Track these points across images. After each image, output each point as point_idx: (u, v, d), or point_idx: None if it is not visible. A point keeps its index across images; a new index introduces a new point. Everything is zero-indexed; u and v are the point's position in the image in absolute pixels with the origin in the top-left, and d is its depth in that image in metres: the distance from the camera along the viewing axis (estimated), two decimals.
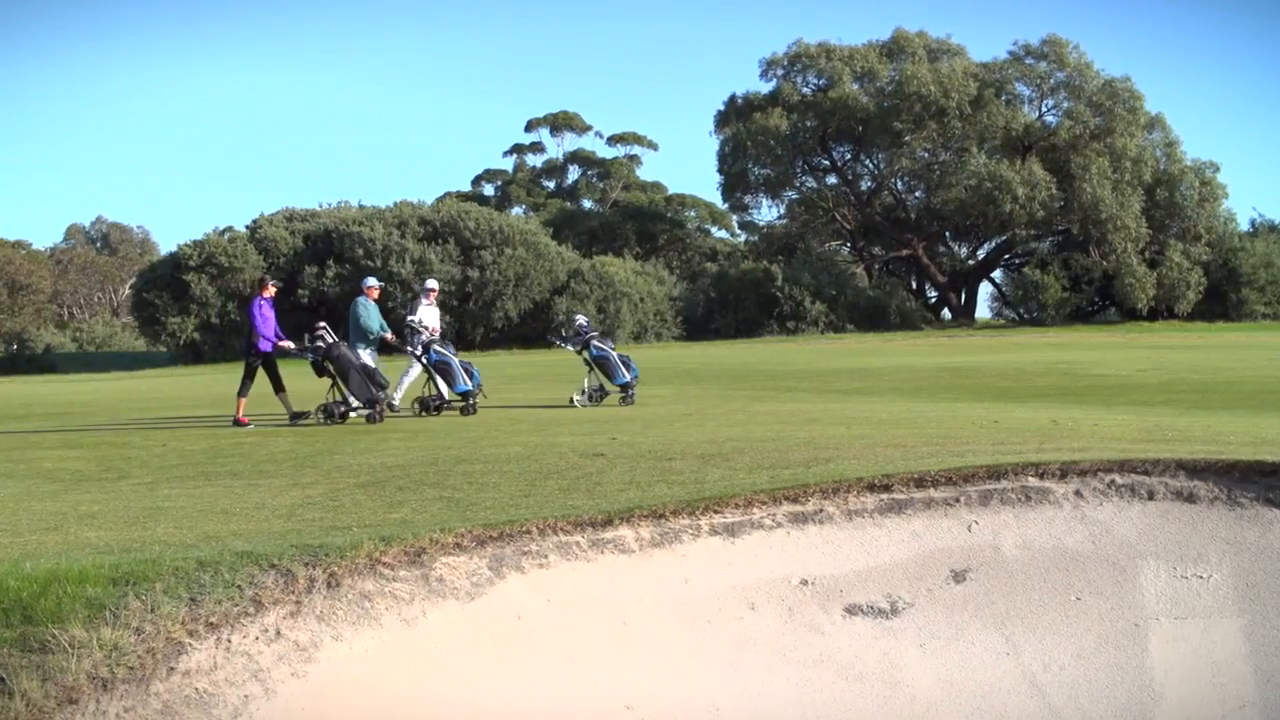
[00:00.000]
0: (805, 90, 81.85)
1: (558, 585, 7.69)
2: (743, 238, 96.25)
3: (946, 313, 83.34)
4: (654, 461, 11.85)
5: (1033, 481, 9.19)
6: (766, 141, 79.61)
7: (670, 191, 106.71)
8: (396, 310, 41.30)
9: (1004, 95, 77.16)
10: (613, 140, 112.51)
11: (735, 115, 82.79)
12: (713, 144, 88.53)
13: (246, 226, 69.88)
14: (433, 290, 23.71)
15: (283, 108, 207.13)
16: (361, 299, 21.50)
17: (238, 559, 7.09)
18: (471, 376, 20.78)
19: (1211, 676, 7.72)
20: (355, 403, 19.63)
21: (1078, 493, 9.12)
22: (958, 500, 8.96)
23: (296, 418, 19.59)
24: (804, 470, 10.19)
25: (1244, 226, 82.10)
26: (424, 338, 21.45)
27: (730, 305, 73.03)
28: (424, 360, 21.21)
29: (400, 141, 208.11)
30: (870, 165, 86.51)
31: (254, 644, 6.51)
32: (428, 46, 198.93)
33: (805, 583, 8.21)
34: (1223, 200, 76.38)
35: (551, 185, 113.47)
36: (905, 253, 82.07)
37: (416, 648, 6.93)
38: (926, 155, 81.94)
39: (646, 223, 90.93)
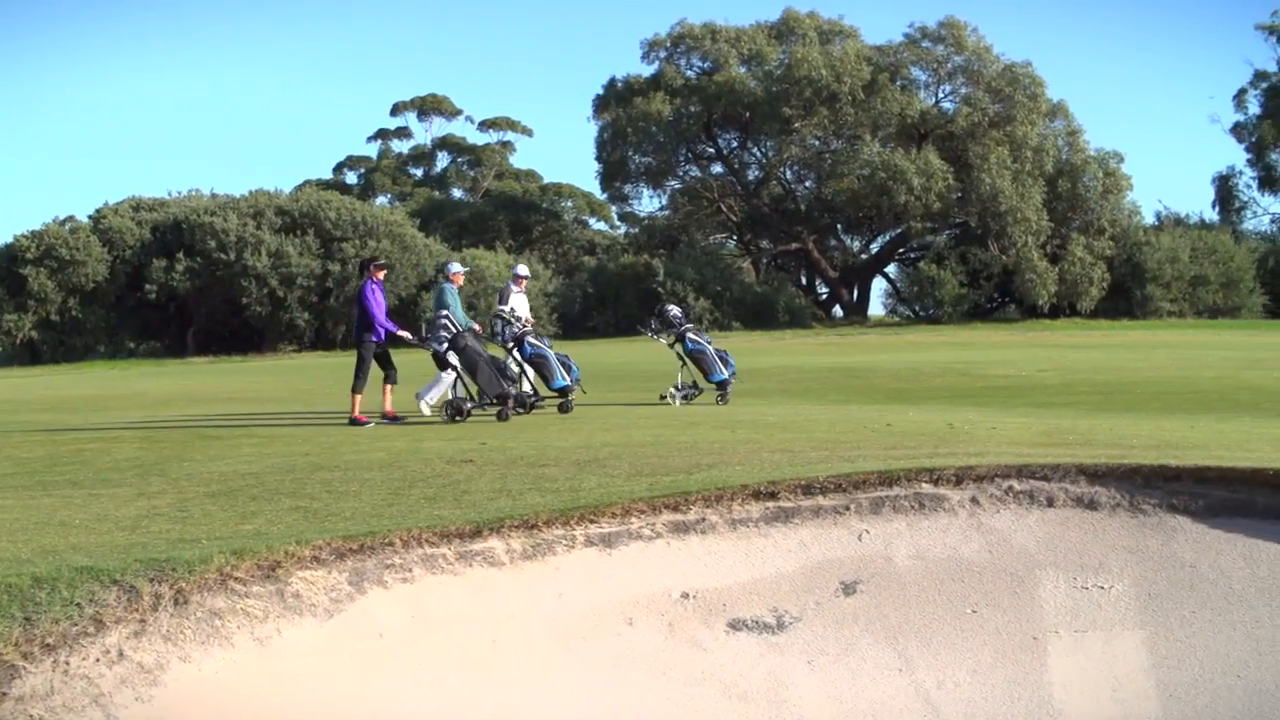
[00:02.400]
0: (689, 74, 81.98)
1: (423, 600, 7.65)
2: (622, 230, 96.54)
3: (838, 310, 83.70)
4: (526, 468, 11.83)
5: (927, 488, 9.27)
6: (648, 128, 79.76)
7: (546, 181, 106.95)
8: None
9: (899, 80, 77.80)
10: (484, 125, 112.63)
11: (615, 100, 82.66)
12: (591, 130, 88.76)
13: (90, 216, 68.81)
14: (523, 277, 23.24)
15: (128, 89, 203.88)
16: (448, 285, 20.89)
17: (77, 575, 6.98)
18: (570, 371, 20.27)
19: (1112, 691, 7.81)
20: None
21: (974, 500, 9.21)
22: (848, 508, 9.02)
23: (393, 419, 19.42)
24: (685, 477, 10.22)
25: (1149, 220, 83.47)
26: (515, 329, 20.87)
27: (609, 301, 73.05)
28: (516, 355, 20.61)
29: (256, 126, 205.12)
30: (758, 153, 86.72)
31: (95, 666, 6.41)
32: (285, 24, 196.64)
33: (686, 596, 8.23)
34: (1127, 192, 77.44)
35: (419, 173, 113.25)
36: (794, 246, 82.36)
37: (271, 669, 6.86)
38: (817, 143, 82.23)
39: (520, 214, 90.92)
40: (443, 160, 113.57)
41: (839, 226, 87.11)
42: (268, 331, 64.67)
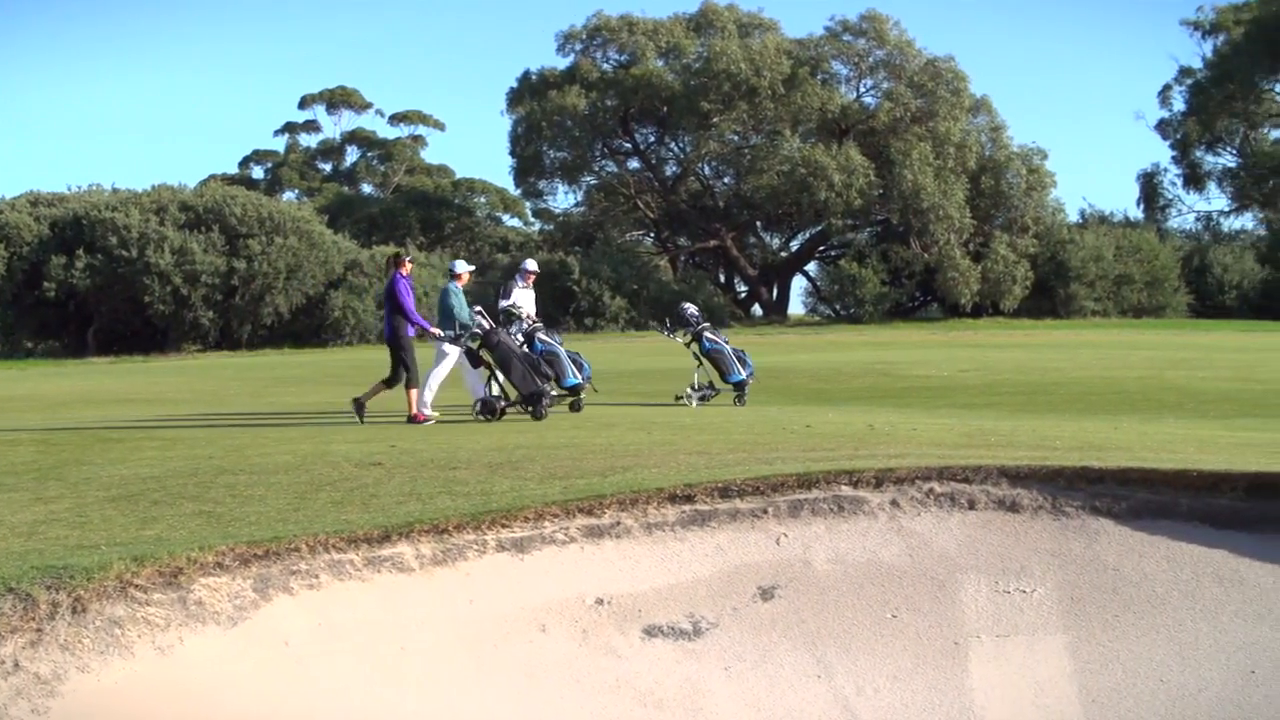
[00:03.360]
0: (605, 66, 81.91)
1: (330, 607, 7.62)
2: (537, 226, 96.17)
3: (757, 309, 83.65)
4: (436, 471, 11.80)
5: (846, 491, 9.31)
6: (563, 122, 79.55)
7: (458, 176, 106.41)
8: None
9: (820, 74, 77.89)
10: (395, 119, 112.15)
11: (529, 93, 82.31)
12: (504, 124, 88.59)
13: None
14: (531, 272, 23.02)
15: (26, 81, 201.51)
16: (452, 285, 20.59)
17: None
18: (581, 369, 20.13)
19: (1034, 697, 7.86)
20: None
21: (894, 502, 9.26)
22: (765, 511, 9.05)
23: (360, 410, 19.37)
24: (600, 480, 10.23)
25: (1073, 218, 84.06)
26: (525, 325, 20.60)
27: None
28: (523, 349, 20.14)
29: (159, 119, 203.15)
30: (676, 149, 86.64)
31: None
32: (189, 12, 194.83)
33: (601, 602, 8.23)
34: (1051, 189, 77.81)
35: (327, 168, 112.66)
36: (713, 244, 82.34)
37: (173, 678, 6.81)
38: (736, 138, 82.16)
39: (432, 209, 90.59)
40: (352, 155, 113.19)
41: (758, 224, 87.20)
42: (171, 331, 63.99)
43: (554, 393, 19.85)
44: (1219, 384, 25.38)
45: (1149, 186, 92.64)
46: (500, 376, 19.66)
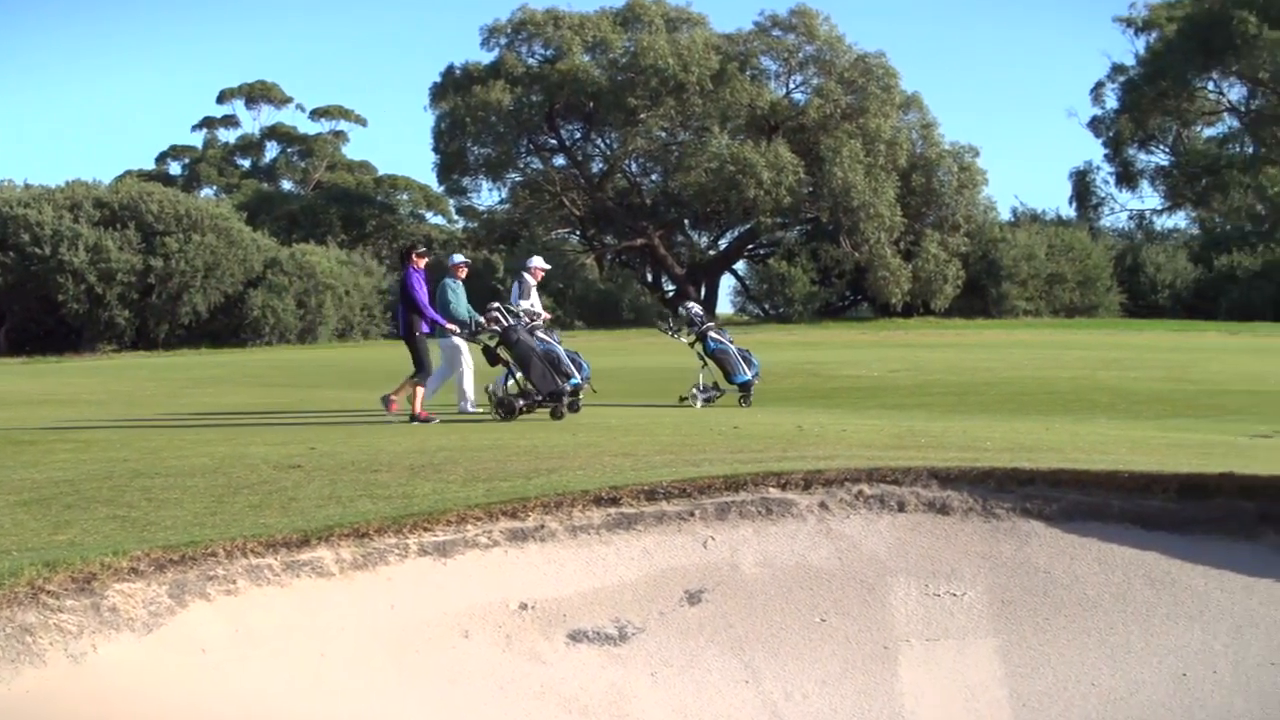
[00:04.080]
0: (531, 61, 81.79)
1: (247, 613, 7.55)
2: (460, 224, 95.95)
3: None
4: (357, 473, 11.74)
5: (774, 493, 9.31)
6: (487, 118, 79.40)
7: (380, 172, 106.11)
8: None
9: (749, 70, 78.24)
10: (316, 114, 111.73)
11: (453, 88, 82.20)
12: (427, 120, 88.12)
13: None
14: (539, 269, 22.63)
15: None
16: (449, 280, 20.49)
17: None
18: (580, 369, 19.89)
19: (965, 702, 7.89)
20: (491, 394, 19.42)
21: (823, 505, 9.26)
22: (692, 514, 9.04)
23: (413, 418, 19.09)
24: (524, 482, 10.20)
25: (1005, 216, 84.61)
26: (524, 323, 20.13)
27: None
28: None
29: (72, 113, 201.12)
30: (602, 145, 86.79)
31: None
32: (103, 2, 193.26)
33: (525, 607, 8.21)
34: (982, 187, 78.38)
35: (246, 164, 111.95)
36: (640, 242, 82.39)
37: (86, 687, 6.73)
38: (664, 135, 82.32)
39: (353, 207, 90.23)
40: (272, 150, 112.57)
41: (686, 222, 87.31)
42: (86, 330, 63.50)
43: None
44: (1151, 384, 25.61)
45: (1081, 185, 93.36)
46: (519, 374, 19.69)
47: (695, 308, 23.61)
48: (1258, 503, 8.96)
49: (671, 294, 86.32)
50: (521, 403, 19.12)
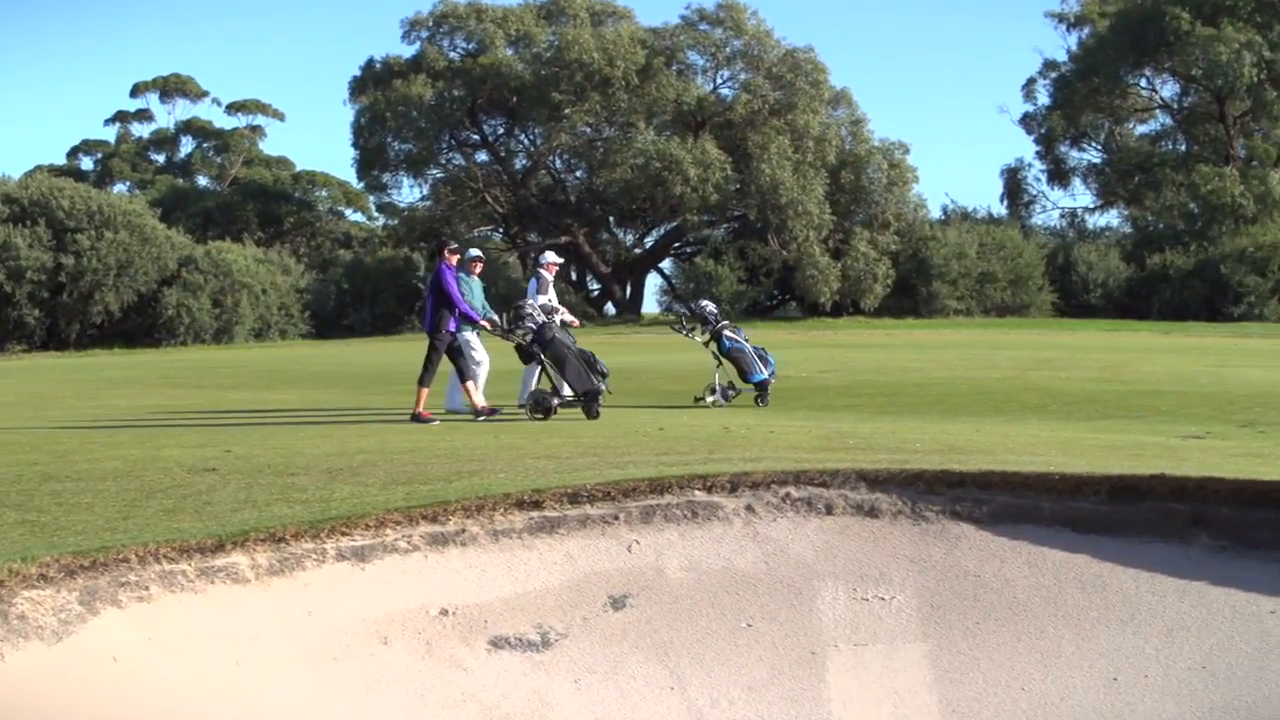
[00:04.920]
0: (453, 55, 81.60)
1: (161, 621, 7.50)
2: (381, 221, 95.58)
3: (610, 307, 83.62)
4: (274, 477, 11.68)
5: (700, 496, 9.34)
6: (408, 112, 79.06)
7: (298, 168, 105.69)
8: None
9: (675, 65, 78.14)
10: (232, 109, 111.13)
11: (373, 82, 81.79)
12: (347, 115, 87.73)
13: None
14: (554, 264, 22.47)
15: None
16: (463, 275, 20.12)
17: None
18: (593, 368, 19.56)
19: (894, 707, 7.93)
20: (567, 393, 19.28)
21: (749, 508, 9.29)
22: (617, 518, 9.05)
23: (486, 413, 19.08)
24: (444, 485, 10.18)
25: (935, 214, 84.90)
26: (536, 320, 19.93)
27: (366, 298, 72.48)
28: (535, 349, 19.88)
29: None
30: (526, 141, 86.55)
31: None
32: None
33: (445, 613, 8.20)
34: (913, 185, 78.64)
35: (161, 159, 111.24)
36: (564, 240, 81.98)
37: None
38: (588, 131, 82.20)
39: (271, 203, 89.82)
40: (187, 145, 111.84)
41: (611, 219, 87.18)
42: None
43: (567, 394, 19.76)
44: (1083, 385, 25.76)
45: (1013, 182, 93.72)
46: (530, 374, 19.93)
47: (710, 306, 23.57)
48: (1189, 505, 9.05)
49: (596, 293, 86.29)
50: (555, 401, 19.11)
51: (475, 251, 21.08)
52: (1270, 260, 72.40)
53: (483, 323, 19.83)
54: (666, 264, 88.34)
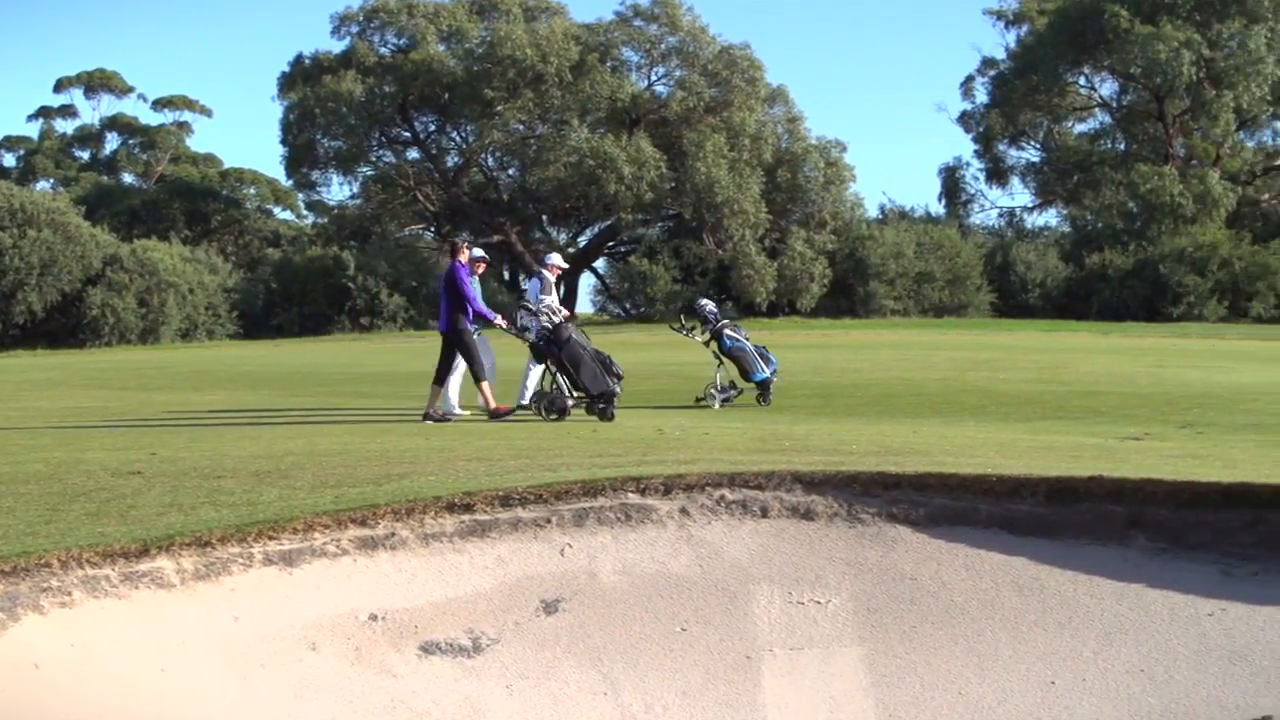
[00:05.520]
0: (383, 51, 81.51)
1: (84, 627, 7.45)
2: (310, 220, 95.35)
3: None
4: (200, 480, 11.61)
5: (633, 499, 9.34)
6: (338, 109, 78.85)
7: (226, 165, 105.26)
8: None
9: (609, 61, 78.18)
10: (159, 104, 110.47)
11: (302, 78, 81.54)
12: (275, 111, 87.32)
13: None
14: (557, 266, 22.27)
15: None
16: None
17: None
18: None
19: (829, 712, 7.93)
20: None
21: (684, 510, 9.30)
22: (549, 521, 9.04)
23: (499, 414, 19.02)
24: (374, 488, 10.15)
25: (873, 213, 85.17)
26: (544, 321, 19.81)
27: (295, 298, 72.07)
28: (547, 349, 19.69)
29: None
30: (457, 138, 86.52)
31: None
32: None
33: (375, 618, 8.17)
34: (850, 183, 78.94)
35: (85, 156, 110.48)
36: (497, 239, 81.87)
37: None
38: (521, 128, 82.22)
39: (198, 201, 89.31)
40: (112, 142, 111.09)
41: (544, 218, 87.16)
42: None
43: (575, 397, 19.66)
44: (1021, 385, 25.90)
45: (951, 181, 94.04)
46: (530, 373, 20.01)
47: (710, 305, 23.59)
48: (1127, 506, 9.10)
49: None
50: (570, 402, 19.03)
51: (479, 252, 21.02)
52: (1209, 260, 72.95)
53: (499, 322, 19.78)
54: (600, 263, 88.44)
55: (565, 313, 20.89)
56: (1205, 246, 73.35)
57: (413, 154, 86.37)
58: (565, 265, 23.17)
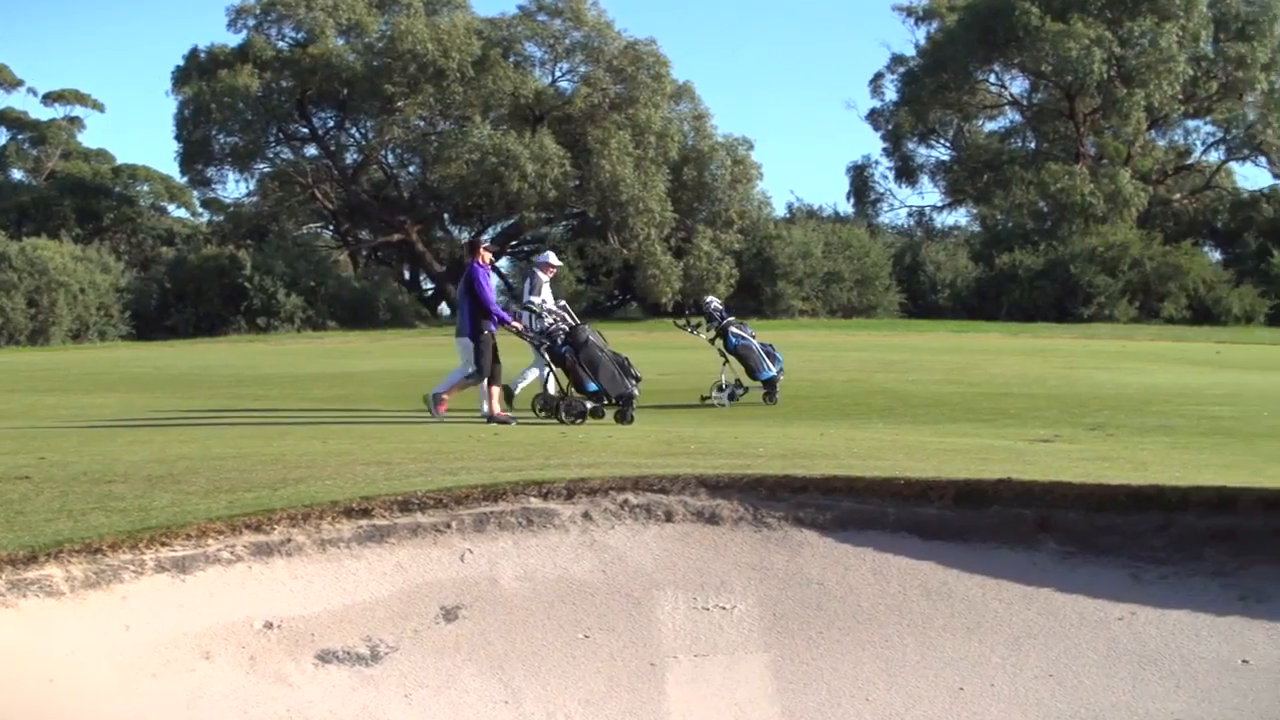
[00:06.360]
0: (281, 45, 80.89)
1: None
2: (205, 218, 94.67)
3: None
4: (90, 485, 11.49)
5: (535, 503, 9.32)
6: (234, 104, 78.12)
7: (119, 162, 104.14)
8: None
9: (512, 56, 77.96)
10: (49, 99, 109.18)
11: (197, 72, 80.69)
12: (170, 106, 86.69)
13: None
14: (553, 266, 22.00)
15: None
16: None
17: None
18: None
19: (734, 719, 7.96)
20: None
21: (586, 515, 9.29)
22: (449, 526, 9.02)
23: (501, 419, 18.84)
24: (269, 493, 10.08)
25: (780, 212, 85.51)
26: (546, 323, 19.79)
27: (189, 298, 71.41)
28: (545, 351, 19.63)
29: None
30: (357, 135, 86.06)
31: None
32: None
33: (270, 626, 8.12)
34: (757, 182, 79.18)
35: None
36: (397, 238, 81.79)
37: None
38: (422, 124, 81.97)
39: (89, 198, 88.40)
40: (0, 137, 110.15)
41: (446, 216, 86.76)
42: None
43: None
44: (930, 387, 26.07)
45: (859, 180, 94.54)
46: (528, 374, 20.18)
47: (715, 302, 23.77)
48: (1036, 510, 9.17)
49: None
50: (589, 405, 19.02)
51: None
52: (1120, 260, 73.70)
53: (515, 325, 19.68)
54: (504, 263, 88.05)
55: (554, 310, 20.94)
56: (1116, 246, 74.07)
57: (311, 151, 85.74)
58: (559, 264, 23.01)
